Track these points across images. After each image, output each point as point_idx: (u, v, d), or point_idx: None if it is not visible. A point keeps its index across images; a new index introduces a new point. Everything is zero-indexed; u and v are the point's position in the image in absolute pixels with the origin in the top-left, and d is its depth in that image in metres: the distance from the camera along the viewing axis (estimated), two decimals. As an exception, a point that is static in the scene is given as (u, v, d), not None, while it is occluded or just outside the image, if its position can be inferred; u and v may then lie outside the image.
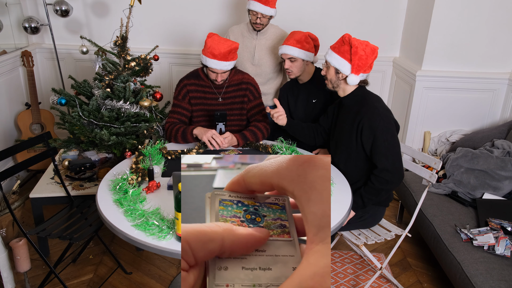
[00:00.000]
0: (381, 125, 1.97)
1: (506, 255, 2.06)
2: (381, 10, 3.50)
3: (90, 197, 2.44)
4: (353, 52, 1.95)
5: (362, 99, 2.08)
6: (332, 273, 2.49)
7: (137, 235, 1.51)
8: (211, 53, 2.24)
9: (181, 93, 2.43)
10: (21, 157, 3.26)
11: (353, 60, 1.96)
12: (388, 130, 1.98)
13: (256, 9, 2.68)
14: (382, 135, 1.97)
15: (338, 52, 2.01)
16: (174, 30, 3.60)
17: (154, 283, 2.40)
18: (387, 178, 1.98)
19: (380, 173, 1.99)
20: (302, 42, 2.49)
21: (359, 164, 2.11)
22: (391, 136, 1.98)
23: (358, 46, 1.94)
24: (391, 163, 1.97)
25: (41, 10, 3.49)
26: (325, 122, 2.36)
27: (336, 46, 2.03)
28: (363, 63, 1.97)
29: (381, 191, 2.02)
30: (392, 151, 1.98)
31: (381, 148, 1.97)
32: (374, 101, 2.05)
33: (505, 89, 3.21)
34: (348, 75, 2.02)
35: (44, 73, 3.73)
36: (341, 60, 2.00)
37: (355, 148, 2.08)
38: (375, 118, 1.98)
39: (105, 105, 2.48)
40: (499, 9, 3.02)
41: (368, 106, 2.02)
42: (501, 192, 2.54)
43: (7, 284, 2.24)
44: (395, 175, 1.99)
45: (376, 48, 2.00)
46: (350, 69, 2.00)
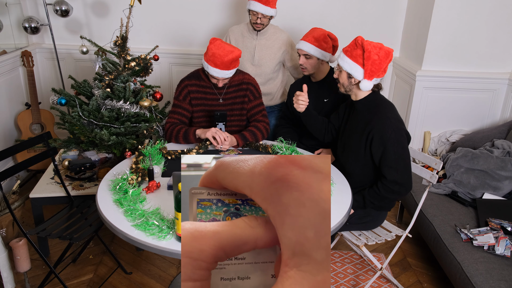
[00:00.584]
0: (393, 137, 1.91)
1: (506, 255, 2.06)
2: (381, 10, 3.50)
3: (90, 197, 2.44)
4: (366, 56, 1.86)
5: (375, 107, 2.01)
6: (332, 273, 2.49)
7: (137, 235, 1.51)
8: (213, 62, 2.24)
9: (182, 93, 2.43)
10: (21, 157, 3.26)
11: (366, 65, 1.87)
12: (399, 143, 1.93)
13: (257, 9, 2.68)
14: (392, 147, 1.92)
15: (350, 56, 1.92)
16: (174, 30, 3.60)
17: (154, 283, 2.40)
18: (394, 189, 1.96)
19: (389, 183, 1.96)
20: (320, 41, 2.46)
21: (366, 170, 2.09)
22: (402, 148, 1.94)
23: (371, 51, 1.85)
24: (400, 176, 1.94)
25: (41, 10, 3.49)
26: (336, 120, 2.32)
27: (348, 50, 1.94)
28: (377, 68, 1.88)
29: (385, 198, 2.00)
30: (401, 164, 1.94)
31: (390, 161, 1.93)
32: (387, 111, 1.98)
33: (505, 89, 3.21)
34: (361, 80, 1.93)
35: (44, 73, 3.73)
36: (354, 64, 1.91)
37: (363, 155, 2.05)
38: (387, 129, 1.92)
39: (105, 105, 2.48)
40: (499, 9, 3.02)
41: (380, 115, 1.96)
42: (501, 192, 2.54)
43: (7, 284, 2.24)
44: (403, 187, 1.96)
45: (391, 51, 1.90)
46: (363, 74, 1.91)
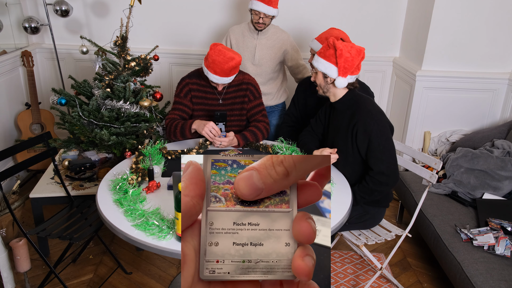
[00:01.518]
0: (376, 128, 1.97)
1: (506, 255, 2.06)
2: (381, 10, 3.49)
3: (90, 197, 2.44)
4: (338, 55, 1.94)
5: (354, 103, 2.08)
6: (332, 273, 2.49)
7: (137, 235, 1.51)
8: (212, 69, 2.24)
9: (183, 90, 2.43)
10: (21, 157, 3.26)
11: (339, 62, 1.95)
12: (383, 134, 1.99)
13: (259, 9, 2.68)
14: (376, 138, 1.97)
15: (323, 57, 2.01)
16: (174, 30, 3.60)
17: (154, 283, 2.40)
18: (382, 181, 2.00)
19: (375, 175, 2.00)
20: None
21: (356, 167, 2.11)
22: (386, 139, 1.99)
23: (343, 49, 1.94)
24: (386, 166, 1.98)
25: (41, 10, 3.49)
26: (319, 127, 2.33)
27: (321, 51, 2.03)
28: (350, 65, 1.96)
29: (374, 191, 2.03)
30: (387, 154, 1.99)
31: (376, 152, 1.99)
32: (367, 104, 2.05)
33: (505, 89, 3.21)
34: (336, 78, 2.00)
35: (44, 73, 3.73)
36: (328, 64, 1.99)
37: (351, 152, 2.08)
38: (369, 122, 1.98)
39: (105, 105, 2.48)
40: (499, 9, 3.02)
41: (362, 109, 2.02)
42: (501, 192, 2.54)
43: (7, 284, 2.24)
44: (390, 178, 2.00)
45: (362, 49, 1.98)
46: (337, 72, 1.98)
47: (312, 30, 3.49)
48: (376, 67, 3.67)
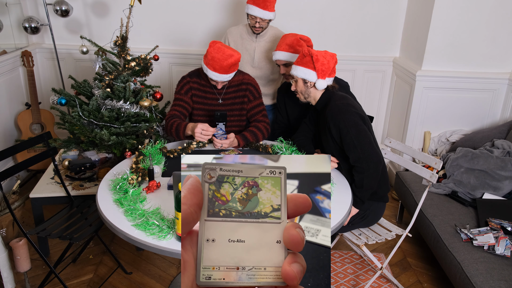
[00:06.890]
0: (342, 119, 2.04)
1: (506, 255, 2.06)
2: (381, 10, 3.49)
3: (90, 197, 2.44)
4: (315, 60, 2.11)
5: (327, 101, 2.18)
6: (332, 273, 2.49)
7: (137, 235, 1.51)
8: (212, 66, 2.25)
9: (184, 88, 2.43)
10: (21, 157, 3.26)
11: (317, 67, 2.11)
12: (350, 122, 2.04)
13: (255, 13, 2.67)
14: (345, 128, 2.03)
15: (301, 65, 2.15)
16: (174, 30, 3.60)
17: (154, 283, 2.40)
18: (362, 166, 2.02)
19: (355, 163, 2.05)
20: (294, 46, 2.48)
21: (345, 166, 2.14)
22: (354, 126, 2.03)
23: (318, 55, 2.11)
24: (360, 151, 2.02)
25: (41, 10, 3.49)
26: (308, 129, 2.38)
27: (298, 61, 2.18)
28: (326, 68, 2.12)
29: (362, 180, 2.04)
30: (359, 141, 2.02)
31: (347, 141, 2.04)
32: (336, 99, 2.14)
33: (505, 89, 3.21)
34: (316, 81, 2.14)
35: (44, 73, 3.73)
36: (306, 70, 2.14)
37: (338, 151, 2.13)
38: (336, 114, 2.06)
39: (105, 105, 2.48)
40: (499, 9, 3.02)
41: (331, 106, 2.11)
42: (501, 192, 2.55)
43: (7, 284, 2.25)
44: (370, 161, 2.02)
45: (334, 55, 2.16)
46: (316, 76, 2.13)
47: (312, 31, 3.49)
48: (376, 67, 3.67)
